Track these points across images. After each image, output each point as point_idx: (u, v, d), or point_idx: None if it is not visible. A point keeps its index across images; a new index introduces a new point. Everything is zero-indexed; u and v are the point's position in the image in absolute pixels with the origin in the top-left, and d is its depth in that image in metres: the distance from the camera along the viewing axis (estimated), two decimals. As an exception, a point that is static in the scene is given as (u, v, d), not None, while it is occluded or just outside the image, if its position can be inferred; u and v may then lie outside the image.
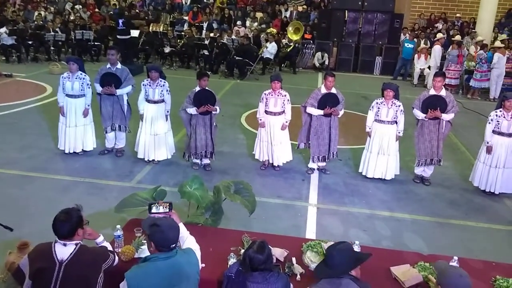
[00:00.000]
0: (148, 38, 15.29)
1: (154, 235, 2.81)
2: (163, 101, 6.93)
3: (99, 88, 7.06)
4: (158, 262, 2.78)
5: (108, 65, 7.11)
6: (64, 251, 2.87)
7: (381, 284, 3.12)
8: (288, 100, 6.86)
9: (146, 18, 17.24)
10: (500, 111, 6.39)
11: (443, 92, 6.60)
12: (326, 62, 15.57)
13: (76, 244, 2.92)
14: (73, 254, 2.87)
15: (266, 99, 6.83)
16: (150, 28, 16.09)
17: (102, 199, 5.85)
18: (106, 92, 7.02)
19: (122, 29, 13.86)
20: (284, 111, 6.86)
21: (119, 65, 7.15)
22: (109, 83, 7.01)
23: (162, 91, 6.88)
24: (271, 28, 16.42)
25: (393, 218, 5.89)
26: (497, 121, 6.37)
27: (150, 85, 6.88)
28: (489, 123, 6.46)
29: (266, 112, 6.86)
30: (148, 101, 6.90)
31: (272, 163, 7.08)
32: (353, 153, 8.00)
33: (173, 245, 2.80)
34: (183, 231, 3.12)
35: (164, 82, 6.95)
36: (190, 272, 2.85)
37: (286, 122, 6.91)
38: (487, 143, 6.47)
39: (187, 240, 3.13)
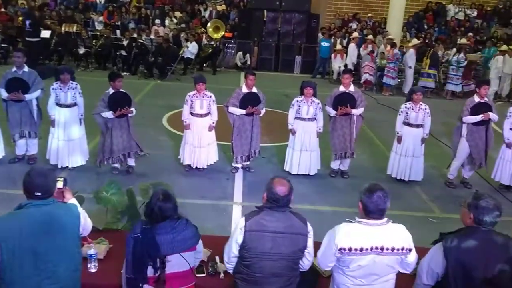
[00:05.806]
0: (61, 39, 14.53)
1: (23, 180, 2.75)
2: (75, 104, 6.60)
3: (4, 94, 6.56)
4: (31, 208, 2.71)
5: (14, 69, 6.66)
6: None
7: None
8: (213, 101, 6.80)
9: (59, 18, 16.38)
10: (409, 103, 6.82)
11: (351, 88, 6.93)
12: (248, 62, 15.70)
13: None
14: None
15: (191, 101, 6.71)
16: (63, 28, 15.29)
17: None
18: (14, 98, 6.56)
19: (29, 30, 13.08)
20: (210, 112, 6.79)
21: (26, 68, 6.70)
22: (16, 88, 6.54)
23: (74, 93, 6.56)
24: (202, 28, 16.22)
25: (315, 211, 6.07)
26: (406, 113, 6.79)
27: (61, 89, 6.53)
28: (399, 114, 6.89)
29: (192, 114, 6.74)
30: (59, 105, 6.54)
31: (197, 166, 6.96)
32: (276, 150, 8.13)
33: (39, 193, 2.72)
34: (84, 217, 2.98)
35: (76, 84, 6.64)
36: (68, 223, 2.78)
37: (213, 123, 6.85)
38: (398, 133, 6.89)
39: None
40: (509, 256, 2.72)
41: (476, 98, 6.76)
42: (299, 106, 6.83)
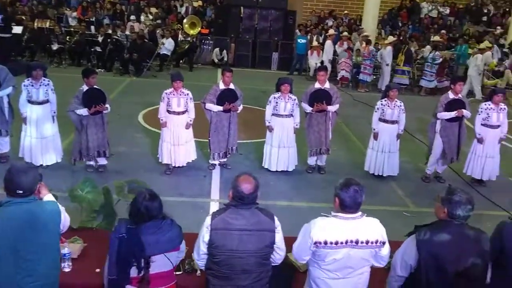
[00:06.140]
0: (33, 35, 14.21)
1: (4, 177, 2.69)
2: (48, 101, 6.48)
3: None
4: (12, 206, 2.67)
5: (-17, 66, 6.50)
6: None
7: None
8: (191, 99, 6.71)
9: (31, 13, 16.02)
10: (385, 100, 6.90)
11: (327, 85, 6.99)
12: (225, 58, 15.66)
13: None
14: None
15: (168, 98, 6.60)
16: (35, 24, 14.96)
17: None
18: (-17, 95, 6.40)
19: (1, 26, 12.78)
20: (187, 110, 6.72)
21: (-4, 65, 6.55)
22: (-14, 85, 6.39)
23: (47, 90, 6.43)
24: (178, 24, 16.09)
25: (292, 207, 6.11)
26: (382, 110, 6.87)
27: (32, 85, 6.39)
28: (376, 111, 6.96)
29: (169, 111, 6.63)
30: (31, 102, 6.40)
31: (175, 165, 6.87)
32: (254, 147, 8.13)
33: (20, 191, 2.68)
34: (64, 214, 2.96)
35: (48, 81, 6.51)
36: (49, 221, 2.77)
37: (190, 120, 6.76)
38: (374, 130, 6.97)
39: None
40: (481, 249, 2.78)
41: (451, 95, 6.88)
42: (277, 102, 6.85)
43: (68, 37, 14.39)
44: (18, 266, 2.67)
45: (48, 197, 2.97)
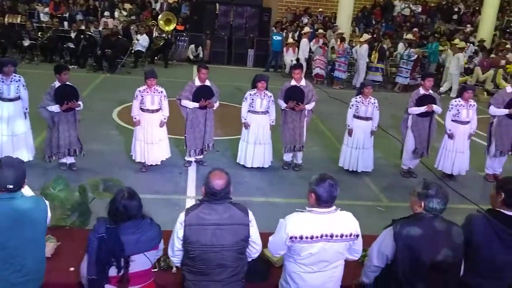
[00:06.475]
0: (3, 31, 13.87)
1: None
2: (19, 98, 6.34)
3: None
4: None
5: (-49, 62, 6.30)
6: None
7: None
8: (165, 96, 6.65)
9: (1, 9, 15.61)
10: (360, 97, 6.99)
11: (303, 82, 7.04)
12: (201, 55, 15.58)
13: None
14: None
15: (142, 96, 6.51)
16: (6, 19, 14.60)
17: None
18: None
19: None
20: (161, 107, 6.66)
21: (-37, 62, 6.37)
22: (-47, 82, 6.21)
23: (18, 86, 6.29)
24: (153, 21, 15.91)
25: (268, 202, 6.15)
26: (357, 106, 6.96)
27: (3, 81, 6.23)
28: (350, 108, 7.05)
29: (142, 109, 6.55)
30: (2, 99, 6.26)
31: (149, 164, 6.81)
32: (230, 143, 8.13)
33: (11, 186, 2.67)
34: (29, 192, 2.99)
35: (19, 77, 6.37)
36: (36, 217, 2.77)
37: (164, 119, 6.70)
38: (348, 126, 7.06)
39: None
40: (455, 242, 2.85)
41: (421, 90, 7.03)
42: (253, 99, 6.86)
43: (40, 33, 14.06)
44: (6, 261, 2.69)
45: (26, 190, 2.95)
